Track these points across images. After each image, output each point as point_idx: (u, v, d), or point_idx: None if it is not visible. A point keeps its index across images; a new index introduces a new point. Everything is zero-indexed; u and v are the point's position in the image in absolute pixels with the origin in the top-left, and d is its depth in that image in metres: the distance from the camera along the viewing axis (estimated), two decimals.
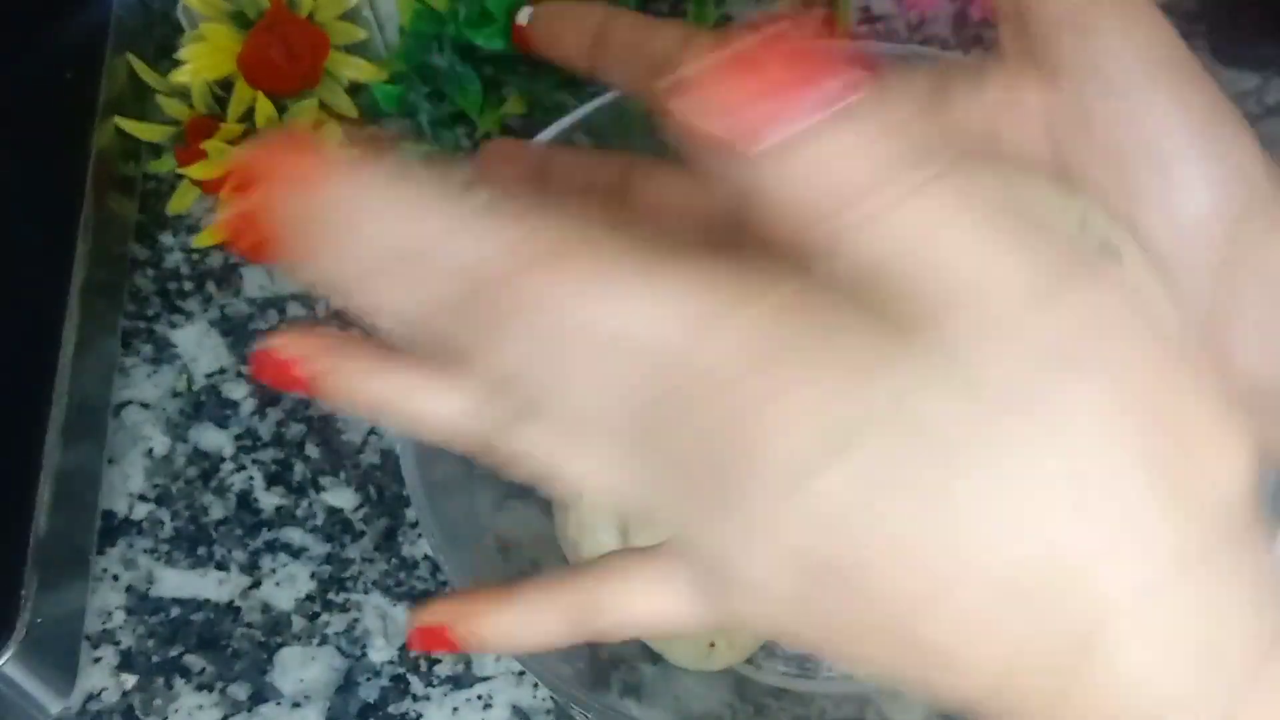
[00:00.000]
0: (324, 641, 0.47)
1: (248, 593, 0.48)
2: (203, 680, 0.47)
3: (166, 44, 0.58)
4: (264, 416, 0.52)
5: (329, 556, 0.49)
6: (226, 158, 0.53)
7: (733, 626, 0.22)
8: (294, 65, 0.55)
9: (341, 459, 0.51)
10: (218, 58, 0.55)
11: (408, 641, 0.29)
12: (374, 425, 0.52)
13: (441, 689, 0.46)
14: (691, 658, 0.44)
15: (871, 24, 0.62)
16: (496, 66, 0.57)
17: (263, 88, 0.54)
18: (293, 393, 0.21)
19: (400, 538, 0.49)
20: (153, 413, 0.53)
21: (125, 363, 0.54)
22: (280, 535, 0.49)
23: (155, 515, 0.50)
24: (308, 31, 0.55)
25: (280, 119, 0.54)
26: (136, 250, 0.57)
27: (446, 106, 0.57)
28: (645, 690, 0.44)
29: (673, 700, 0.44)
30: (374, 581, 0.48)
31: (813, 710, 0.44)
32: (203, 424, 0.52)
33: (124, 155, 0.57)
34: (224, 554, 0.49)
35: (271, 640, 0.47)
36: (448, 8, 0.56)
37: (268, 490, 0.51)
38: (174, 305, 0.56)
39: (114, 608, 0.48)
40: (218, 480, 0.51)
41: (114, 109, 0.56)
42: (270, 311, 0.55)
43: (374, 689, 0.46)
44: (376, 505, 0.50)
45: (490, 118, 0.58)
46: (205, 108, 0.55)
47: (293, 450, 0.51)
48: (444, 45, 0.56)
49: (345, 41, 0.57)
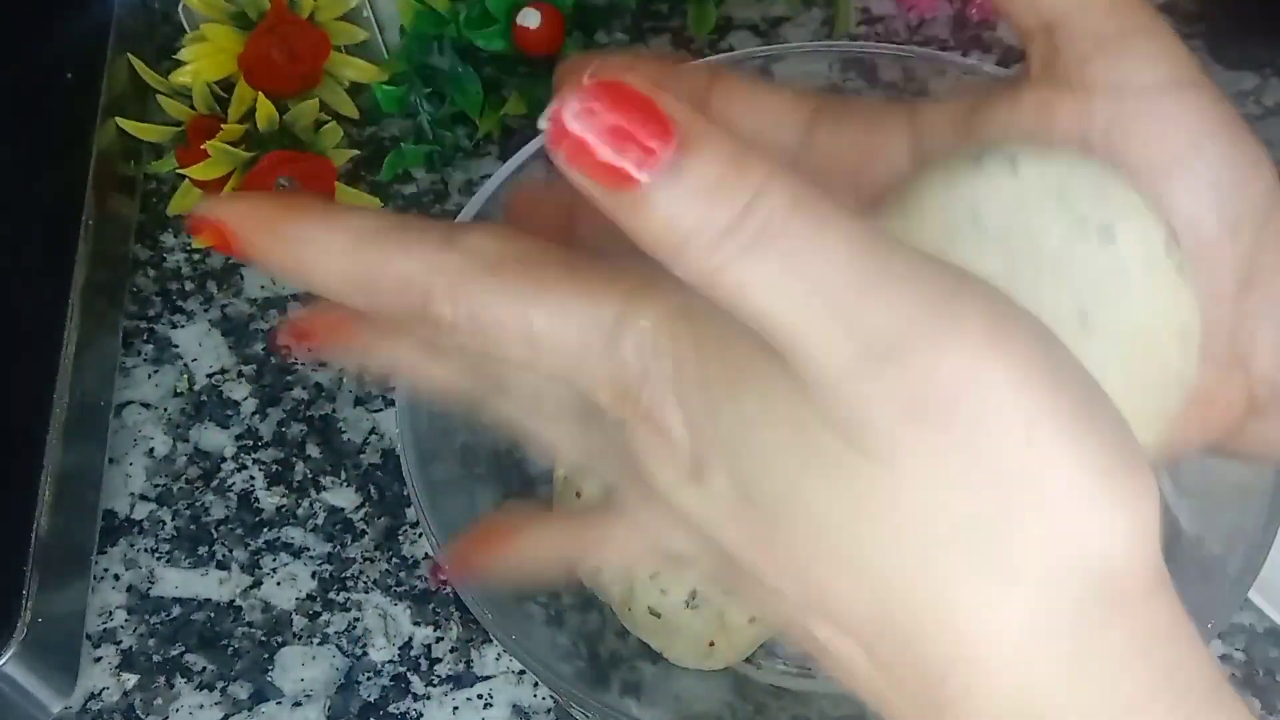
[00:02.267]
0: (324, 641, 0.47)
1: (248, 592, 0.48)
2: (204, 680, 0.47)
3: (168, 45, 0.58)
4: (265, 416, 0.52)
5: (330, 556, 0.49)
6: (226, 159, 0.53)
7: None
8: (295, 66, 0.55)
9: (342, 459, 0.51)
10: (219, 58, 0.55)
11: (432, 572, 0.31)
12: (374, 425, 0.52)
13: (442, 688, 0.46)
14: (691, 657, 0.44)
15: (871, 24, 0.62)
16: (497, 67, 0.57)
17: (263, 88, 0.54)
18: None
19: (400, 538, 0.49)
20: (154, 413, 0.53)
21: (126, 363, 0.54)
22: (281, 535, 0.50)
23: (156, 515, 0.50)
24: (308, 32, 0.55)
25: (281, 119, 0.54)
26: (138, 250, 0.57)
27: (446, 107, 0.58)
28: (645, 690, 0.44)
29: (673, 700, 0.44)
30: (374, 581, 0.48)
31: (813, 710, 0.44)
32: (204, 424, 0.52)
33: (125, 156, 0.57)
34: (225, 553, 0.49)
35: (272, 640, 0.47)
36: (449, 9, 0.56)
37: (268, 490, 0.51)
38: (175, 305, 0.56)
39: (115, 607, 0.48)
40: (218, 480, 0.51)
41: (115, 109, 0.56)
42: (271, 311, 0.55)
43: (374, 688, 0.46)
44: (377, 505, 0.50)
45: (490, 118, 0.58)
46: (206, 108, 0.55)
47: (293, 450, 0.52)
48: (445, 46, 0.56)
49: (346, 42, 0.57)
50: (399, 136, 0.60)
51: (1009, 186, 0.25)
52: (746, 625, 0.44)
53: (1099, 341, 0.25)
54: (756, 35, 0.62)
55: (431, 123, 0.58)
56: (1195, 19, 0.60)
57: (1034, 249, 0.25)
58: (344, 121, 0.57)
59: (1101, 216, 0.25)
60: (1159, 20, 0.27)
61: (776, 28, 0.63)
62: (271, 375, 0.54)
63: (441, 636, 0.47)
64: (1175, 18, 0.60)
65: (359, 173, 0.59)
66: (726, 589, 0.24)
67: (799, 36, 0.62)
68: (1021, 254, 0.25)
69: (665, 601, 0.43)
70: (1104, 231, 0.25)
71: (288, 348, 0.27)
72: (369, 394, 0.53)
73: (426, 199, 0.58)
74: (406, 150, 0.57)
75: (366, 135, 0.60)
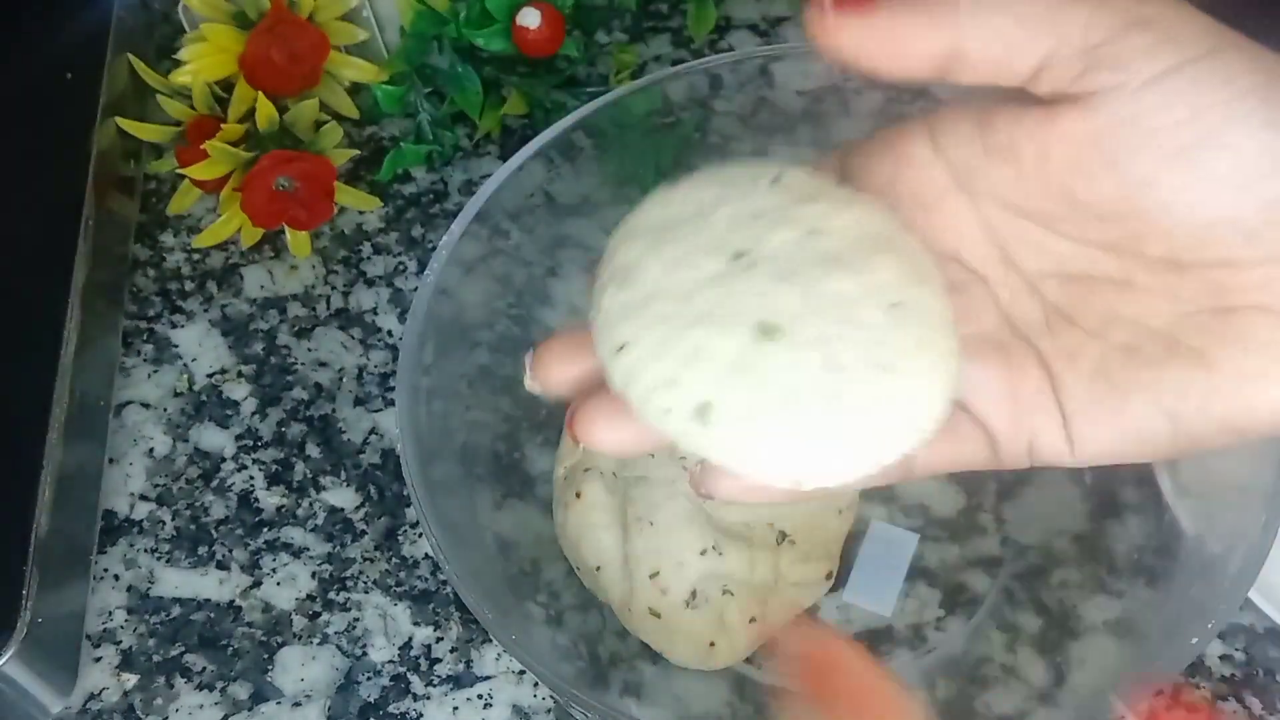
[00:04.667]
0: (324, 641, 0.47)
1: (248, 592, 0.48)
2: (203, 680, 0.47)
3: (167, 44, 0.58)
4: (265, 416, 0.52)
5: (329, 556, 0.49)
6: (226, 159, 0.53)
7: None
8: (294, 66, 0.55)
9: (342, 459, 0.51)
10: (219, 58, 0.55)
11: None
12: (374, 425, 0.52)
13: (442, 688, 0.46)
14: (691, 658, 0.44)
15: None
16: (496, 67, 0.57)
17: (263, 88, 0.54)
18: None
19: (400, 538, 0.49)
20: (153, 412, 0.53)
21: (126, 363, 0.54)
22: (281, 535, 0.50)
23: (156, 515, 0.50)
24: (308, 32, 0.55)
25: (281, 119, 0.54)
26: (137, 250, 0.57)
27: (446, 106, 0.58)
28: (645, 690, 0.44)
29: (673, 700, 0.44)
30: (374, 581, 0.48)
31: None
32: (203, 424, 0.52)
33: (125, 155, 0.57)
34: (225, 553, 0.49)
35: (272, 640, 0.47)
36: (449, 9, 0.56)
37: (268, 490, 0.51)
38: (175, 305, 0.56)
39: (115, 607, 0.48)
40: (218, 480, 0.51)
41: (115, 109, 0.56)
42: (270, 311, 0.55)
43: (374, 688, 0.46)
44: (377, 505, 0.50)
45: (490, 118, 0.58)
46: (206, 108, 0.55)
47: (293, 450, 0.52)
48: (444, 46, 0.56)
49: (346, 42, 0.57)
50: (399, 136, 0.60)
51: (759, 195, 0.29)
52: (747, 625, 0.44)
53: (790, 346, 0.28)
54: (756, 35, 0.63)
55: (431, 122, 0.58)
56: None
57: (762, 247, 0.29)
58: (344, 121, 0.57)
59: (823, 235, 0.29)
60: (1154, 8, 0.27)
61: (776, 27, 0.63)
62: (271, 375, 0.54)
63: (441, 636, 0.47)
64: None
65: (359, 172, 0.59)
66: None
67: (799, 36, 0.62)
68: (749, 247, 0.29)
69: (665, 601, 0.43)
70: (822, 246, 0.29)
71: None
72: (369, 394, 0.53)
73: (426, 198, 0.58)
74: (406, 150, 0.57)
75: (366, 135, 0.60)
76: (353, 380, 0.53)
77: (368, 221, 0.58)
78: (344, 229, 0.57)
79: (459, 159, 0.59)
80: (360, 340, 0.54)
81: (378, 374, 0.53)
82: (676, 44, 0.62)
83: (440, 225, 0.57)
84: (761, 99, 0.48)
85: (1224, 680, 0.44)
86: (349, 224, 0.58)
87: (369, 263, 0.56)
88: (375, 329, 0.55)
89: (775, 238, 0.29)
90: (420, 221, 0.57)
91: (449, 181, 0.59)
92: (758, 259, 0.29)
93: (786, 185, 0.30)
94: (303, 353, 0.54)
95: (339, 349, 0.54)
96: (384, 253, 0.57)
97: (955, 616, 0.46)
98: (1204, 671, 0.45)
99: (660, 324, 0.28)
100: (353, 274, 0.56)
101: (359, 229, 0.57)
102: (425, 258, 0.56)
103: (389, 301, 0.55)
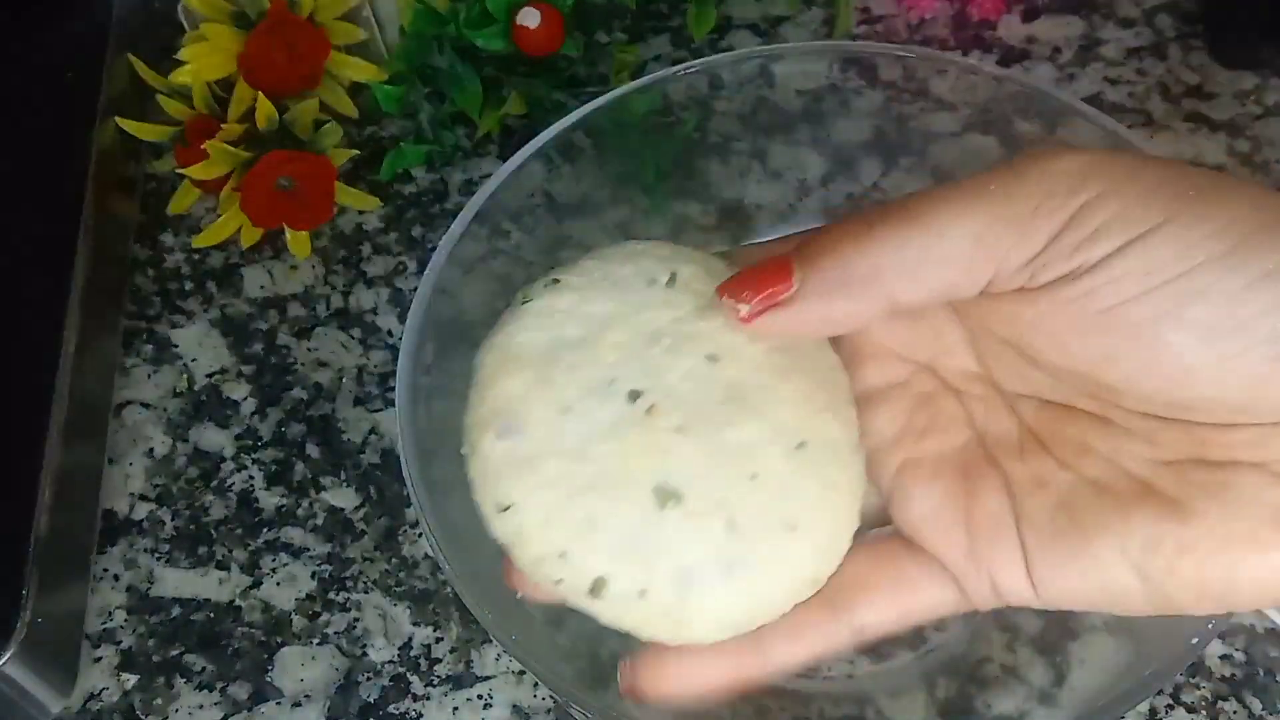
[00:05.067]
0: (324, 641, 0.47)
1: (248, 592, 0.48)
2: (203, 680, 0.47)
3: (167, 44, 0.58)
4: (264, 416, 0.52)
5: (329, 556, 0.49)
6: (226, 159, 0.53)
7: None
8: (295, 66, 0.55)
9: (342, 459, 0.51)
10: (218, 58, 0.55)
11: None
12: (374, 425, 0.52)
13: (441, 689, 0.46)
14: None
15: (871, 24, 0.62)
16: (496, 66, 0.57)
17: (263, 88, 0.54)
18: None
19: (400, 538, 0.49)
20: (153, 413, 0.53)
21: (126, 363, 0.54)
22: (281, 535, 0.50)
23: (156, 515, 0.50)
24: (308, 32, 0.55)
25: (280, 119, 0.54)
26: (137, 250, 0.57)
27: (446, 106, 0.58)
28: None
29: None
30: (374, 581, 0.48)
31: (812, 710, 0.44)
32: (203, 424, 0.52)
33: (125, 155, 0.57)
34: (224, 554, 0.49)
35: (272, 640, 0.47)
36: (449, 9, 0.56)
37: (268, 490, 0.51)
38: (175, 305, 0.56)
39: (114, 607, 0.48)
40: (218, 480, 0.51)
41: (115, 109, 0.56)
42: (270, 311, 0.55)
43: (374, 688, 0.46)
44: (376, 505, 0.50)
45: (490, 118, 0.58)
46: (206, 108, 0.55)
47: (293, 450, 0.52)
48: (444, 46, 0.56)
49: (346, 42, 0.57)
50: (399, 136, 0.60)
51: (654, 305, 0.29)
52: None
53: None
54: (756, 35, 0.63)
55: (431, 122, 0.58)
56: (1195, 19, 0.60)
57: (659, 382, 0.28)
58: (344, 121, 0.57)
59: (710, 346, 0.29)
60: (1098, 184, 0.25)
61: (776, 27, 0.63)
62: (271, 375, 0.54)
63: (441, 637, 0.47)
64: (1175, 18, 0.60)
65: (359, 172, 0.59)
66: None
67: (799, 36, 0.62)
68: (645, 385, 0.28)
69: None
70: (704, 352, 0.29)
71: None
72: (369, 394, 0.53)
73: (426, 199, 0.58)
74: (406, 150, 0.57)
75: (366, 135, 0.60)
76: (353, 380, 0.53)
77: (368, 221, 0.58)
78: (344, 229, 0.57)
79: (459, 159, 0.59)
80: (360, 340, 0.54)
81: (378, 374, 0.53)
82: (676, 44, 0.62)
83: (440, 225, 0.57)
84: (761, 99, 0.48)
85: (1224, 680, 0.44)
86: (349, 224, 0.58)
87: (369, 263, 0.56)
88: (375, 329, 0.55)
89: (673, 372, 0.28)
90: (420, 221, 0.57)
91: (449, 181, 0.59)
92: (656, 400, 0.27)
93: (684, 285, 0.29)
94: (303, 353, 0.54)
95: (339, 349, 0.54)
96: (384, 253, 0.57)
97: (955, 616, 0.46)
98: (1204, 671, 0.45)
99: (549, 489, 0.27)
100: (353, 274, 0.56)
101: (359, 229, 0.57)
102: (425, 258, 0.56)
103: (389, 301, 0.55)
